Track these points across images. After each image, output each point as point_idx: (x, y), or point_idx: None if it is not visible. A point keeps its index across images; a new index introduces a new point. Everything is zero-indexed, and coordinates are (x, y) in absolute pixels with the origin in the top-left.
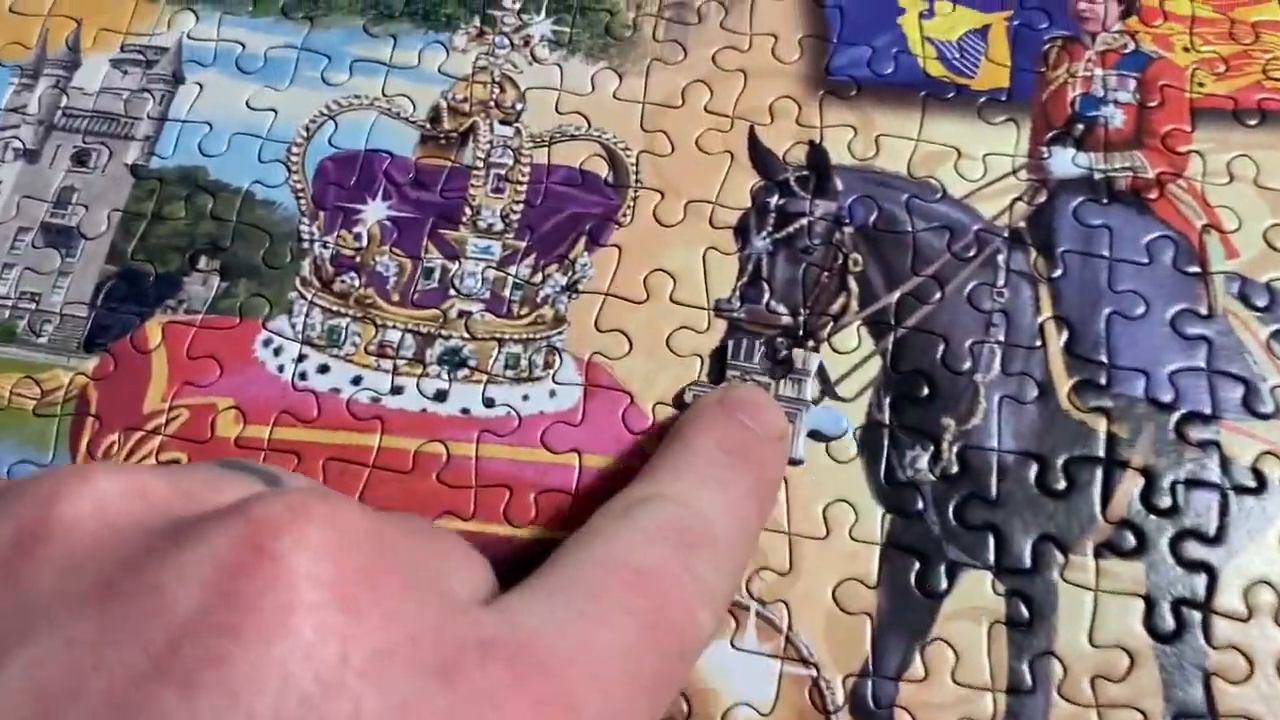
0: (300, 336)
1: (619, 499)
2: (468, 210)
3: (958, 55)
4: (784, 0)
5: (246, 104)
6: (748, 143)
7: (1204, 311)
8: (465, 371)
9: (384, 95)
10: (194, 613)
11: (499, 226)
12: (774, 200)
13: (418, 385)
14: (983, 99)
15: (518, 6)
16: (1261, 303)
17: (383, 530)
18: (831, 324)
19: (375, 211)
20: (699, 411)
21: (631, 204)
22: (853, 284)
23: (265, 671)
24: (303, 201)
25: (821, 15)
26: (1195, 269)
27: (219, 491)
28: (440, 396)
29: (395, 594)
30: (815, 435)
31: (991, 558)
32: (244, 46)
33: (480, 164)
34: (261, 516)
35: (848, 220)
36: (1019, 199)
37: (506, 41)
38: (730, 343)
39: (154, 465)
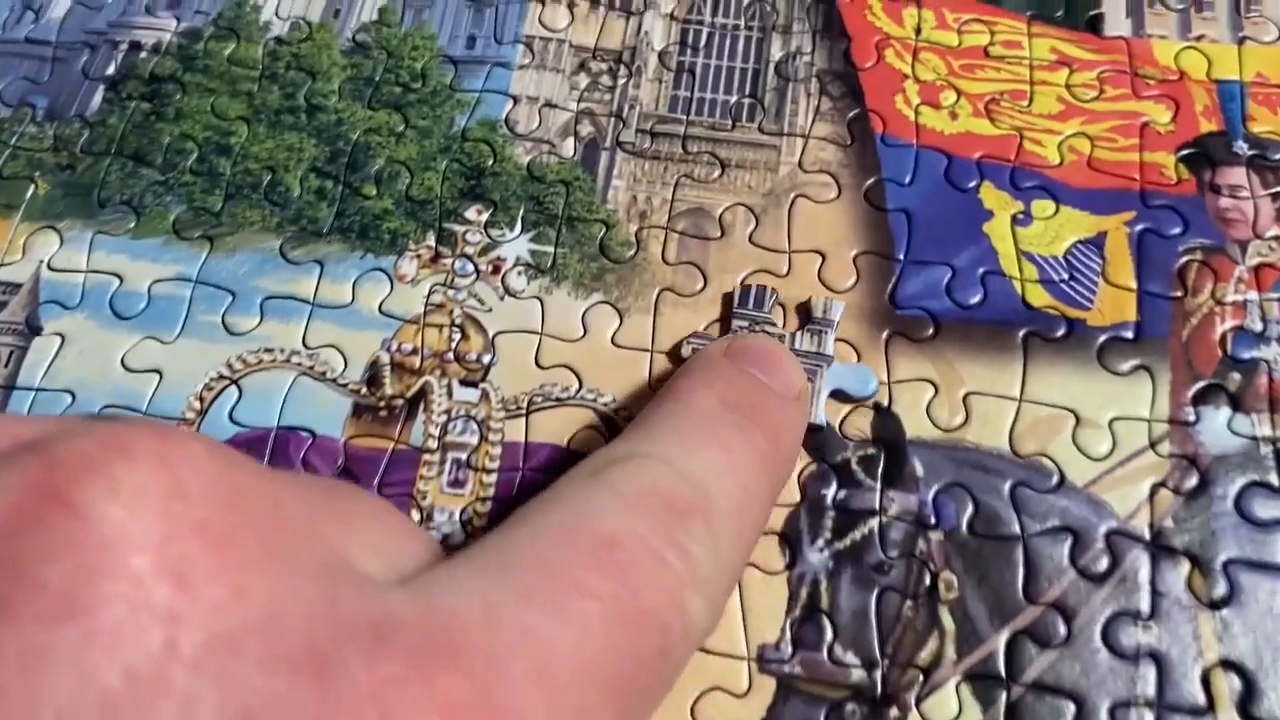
0: None
1: (590, 459)
2: (415, 514)
3: (1066, 277)
4: (832, 204)
5: (122, 363)
6: None
7: None
8: None
9: (305, 347)
10: None
11: (459, 537)
12: (831, 492)
13: None
14: (1103, 338)
15: (484, 218)
16: None
17: (248, 477)
18: (921, 679)
19: None
20: (699, 363)
21: None
22: (946, 619)
23: (49, 664)
24: None
25: (883, 223)
26: None
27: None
28: None
29: (253, 560)
30: (839, 396)
31: None
32: (121, 280)
33: (433, 444)
34: (64, 455)
35: (933, 521)
36: (1161, 485)
37: (470, 267)
38: (739, 288)
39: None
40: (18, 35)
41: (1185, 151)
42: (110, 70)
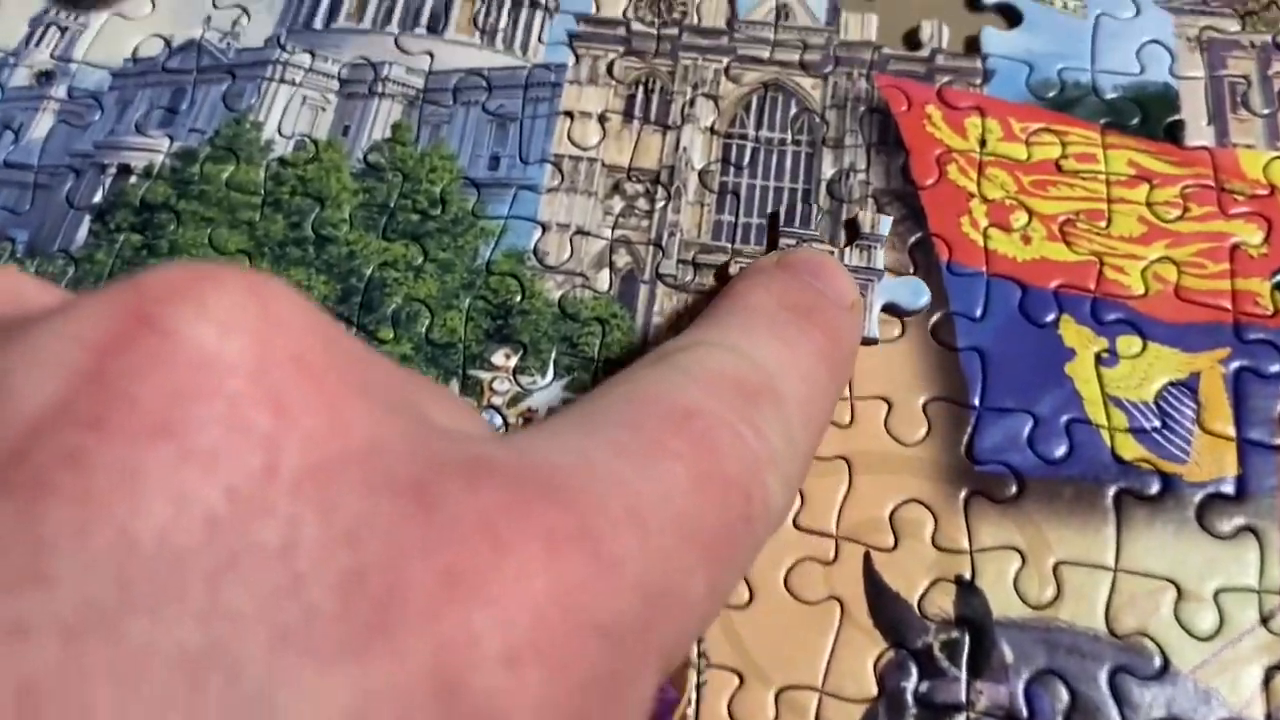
0: None
1: (655, 350)
2: None
3: (1158, 424)
4: (896, 343)
5: None
6: (864, 583)
7: None
8: None
9: None
10: (51, 406)
11: None
12: (912, 685)
13: None
14: (1201, 495)
15: (513, 363)
16: None
17: (336, 326)
18: None
19: None
20: (753, 271)
21: (694, 696)
22: None
23: (146, 478)
24: None
25: (954, 364)
26: None
27: None
28: None
29: (348, 397)
30: (891, 309)
31: None
32: None
33: None
34: (152, 282)
35: (1025, 716)
36: (1277, 669)
37: (498, 420)
38: (783, 208)
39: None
40: None
41: None
42: (97, 198)
